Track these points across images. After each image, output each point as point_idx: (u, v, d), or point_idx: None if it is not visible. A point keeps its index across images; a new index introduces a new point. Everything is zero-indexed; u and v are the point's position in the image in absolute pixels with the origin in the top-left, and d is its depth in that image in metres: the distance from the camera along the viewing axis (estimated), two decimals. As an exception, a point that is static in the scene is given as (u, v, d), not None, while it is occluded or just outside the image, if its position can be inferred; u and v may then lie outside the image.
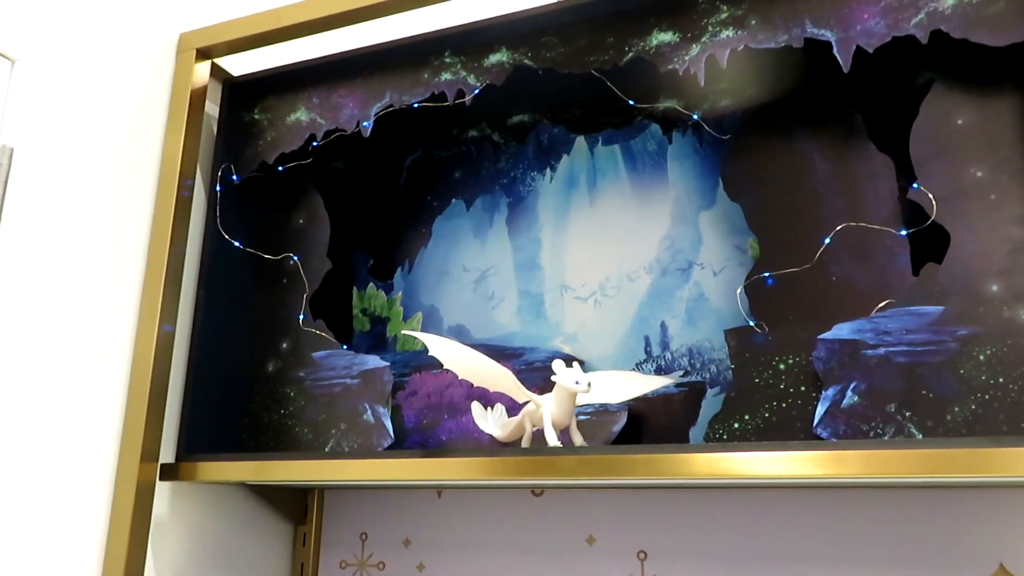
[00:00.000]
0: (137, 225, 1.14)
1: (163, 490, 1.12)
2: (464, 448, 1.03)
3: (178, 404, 1.14)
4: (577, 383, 0.93)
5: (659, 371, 1.12)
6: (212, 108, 1.27)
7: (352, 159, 1.41)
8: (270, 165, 1.26)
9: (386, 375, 1.15)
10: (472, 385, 1.05)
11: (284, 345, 1.24)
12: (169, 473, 1.08)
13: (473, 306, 1.28)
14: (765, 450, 0.80)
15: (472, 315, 1.27)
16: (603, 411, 1.09)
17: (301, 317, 1.23)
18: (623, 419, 1.07)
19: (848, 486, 1.01)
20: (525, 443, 1.02)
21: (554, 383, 0.96)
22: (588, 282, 1.20)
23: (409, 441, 1.21)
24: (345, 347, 1.21)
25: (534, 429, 1.02)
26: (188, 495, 1.15)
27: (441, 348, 1.00)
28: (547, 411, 0.96)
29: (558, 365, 0.95)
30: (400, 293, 1.33)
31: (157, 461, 1.07)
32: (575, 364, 0.96)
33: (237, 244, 1.25)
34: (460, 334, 1.26)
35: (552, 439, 0.94)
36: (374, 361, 1.17)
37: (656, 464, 0.83)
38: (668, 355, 1.12)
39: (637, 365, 1.13)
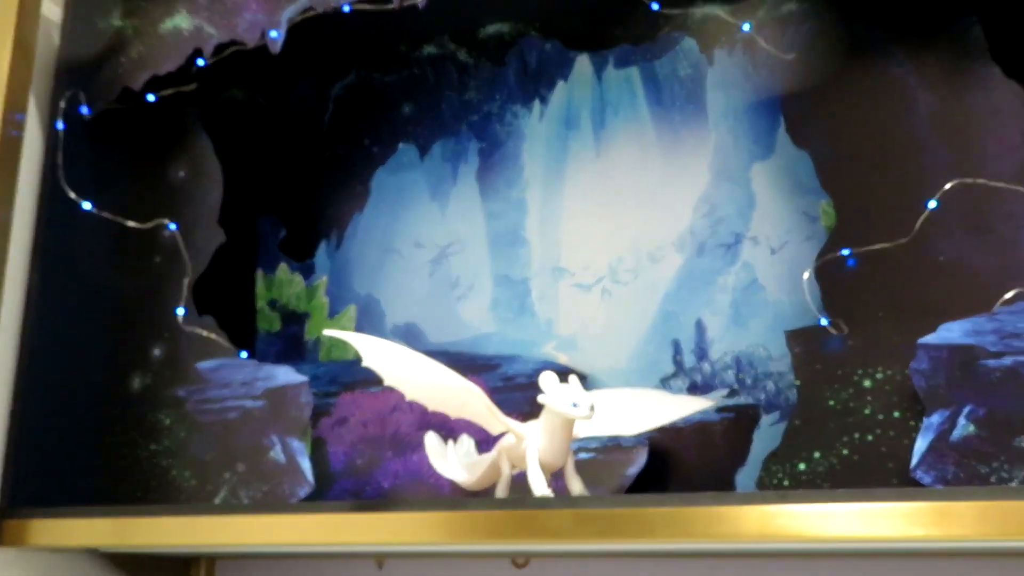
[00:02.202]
0: (-59, 178, 1.13)
1: (-23, 561, 1.11)
2: (415, 500, 1.02)
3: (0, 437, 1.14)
4: (575, 406, 0.92)
5: (693, 390, 1.12)
6: (52, 10, 1.26)
7: (255, 86, 1.41)
8: (137, 93, 1.25)
9: (303, 395, 1.15)
10: (426, 410, 1.04)
11: (156, 352, 1.23)
12: (-13, 535, 1.07)
13: (429, 297, 1.27)
14: (843, 501, 0.80)
15: (428, 310, 1.27)
16: (613, 447, 1.08)
17: (181, 311, 1.22)
18: (641, 458, 1.07)
19: (960, 553, 1.02)
20: (501, 492, 1.01)
21: (543, 406, 0.95)
22: (593, 264, 1.20)
23: (337, 489, 1.20)
24: (245, 354, 1.21)
25: (514, 472, 1.01)
26: (15, 568, 1.14)
27: (382, 357, 0.99)
28: (533, 447, 0.95)
29: (548, 381, 0.94)
30: (324, 278, 1.33)
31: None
32: (572, 379, 0.95)
33: (88, 206, 1.24)
34: (411, 337, 1.26)
35: (540, 486, 0.93)
36: (286, 375, 1.16)
37: (688, 522, 0.83)
38: (706, 367, 1.12)
39: (662, 381, 1.14)
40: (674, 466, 1.09)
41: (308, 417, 1.14)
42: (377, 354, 1.00)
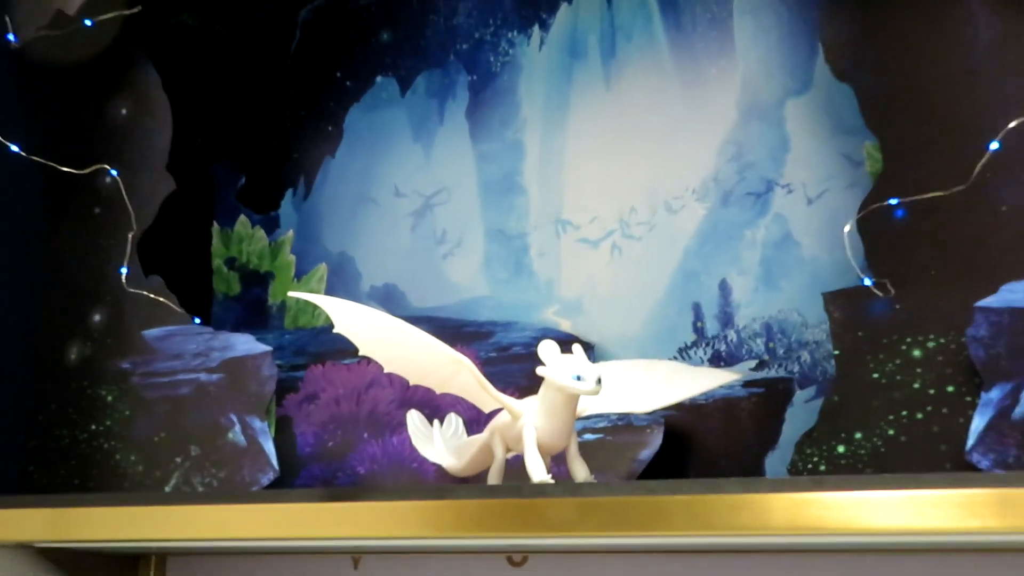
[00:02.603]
0: None
1: None
2: (395, 488, 1.02)
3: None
4: (579, 380, 0.92)
5: (716, 361, 1.12)
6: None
7: (210, 9, 1.41)
8: (71, 17, 1.25)
9: (266, 367, 1.15)
10: (408, 384, 1.04)
11: (96, 317, 1.24)
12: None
13: (412, 255, 1.28)
14: (888, 488, 0.79)
15: (410, 269, 1.28)
16: (623, 426, 1.09)
17: (124, 271, 1.23)
18: (656, 440, 1.08)
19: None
20: (494, 478, 1.01)
21: (542, 380, 0.95)
22: (601, 215, 1.21)
23: (305, 476, 1.21)
24: (198, 321, 1.21)
25: (509, 456, 1.01)
26: (-63, 565, 1.14)
27: (357, 323, 0.99)
28: (531, 426, 0.95)
29: (549, 351, 0.94)
30: (290, 233, 1.34)
31: None
32: (577, 349, 0.95)
33: (15, 149, 1.24)
34: (390, 300, 1.27)
35: (539, 471, 0.93)
36: (246, 344, 1.17)
37: (709, 512, 0.82)
38: (731, 335, 1.12)
39: (680, 351, 1.14)
40: (694, 449, 1.10)
41: (272, 393, 1.15)
42: (351, 320, 0.99)
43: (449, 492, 0.91)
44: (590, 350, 1.14)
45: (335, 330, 0.99)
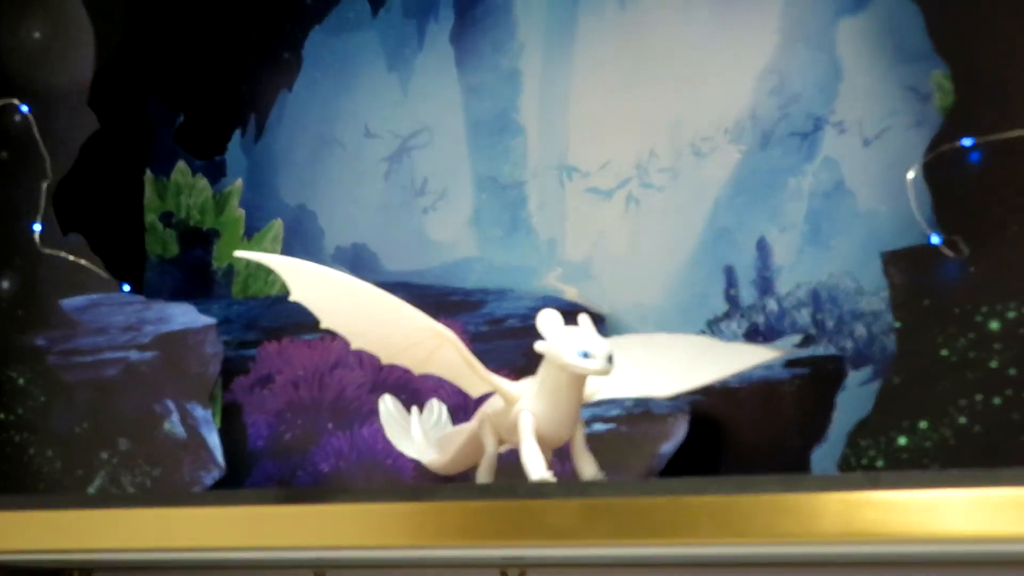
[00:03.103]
0: None
1: None
2: (366, 488, 1.03)
3: None
4: (587, 357, 0.92)
5: (753, 336, 1.12)
6: None
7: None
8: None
9: (210, 344, 1.16)
10: (380, 364, 1.04)
11: (3, 284, 1.24)
12: None
13: (386, 208, 1.28)
14: (958, 487, 0.79)
15: (384, 226, 1.28)
16: (641, 415, 1.09)
17: (38, 228, 1.23)
18: (680, 430, 1.08)
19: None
20: (485, 476, 1.01)
21: (542, 357, 0.95)
22: (614, 160, 1.21)
23: (257, 475, 1.21)
24: (128, 288, 1.22)
25: (502, 449, 1.01)
26: None
27: (319, 290, 0.99)
28: (528, 414, 0.95)
29: (550, 322, 0.94)
30: (238, 182, 1.34)
31: None
32: (584, 321, 0.95)
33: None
34: (360, 263, 1.27)
35: (538, 468, 0.93)
36: (187, 316, 1.18)
37: (745, 516, 0.82)
38: (771, 304, 1.12)
39: (710, 324, 1.14)
40: (725, 441, 1.10)
41: (216, 375, 1.16)
42: (311, 286, 0.99)
43: (431, 493, 0.91)
44: (600, 323, 1.14)
45: (291, 298, 0.99)
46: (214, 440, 1.13)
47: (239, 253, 1.05)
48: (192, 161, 1.37)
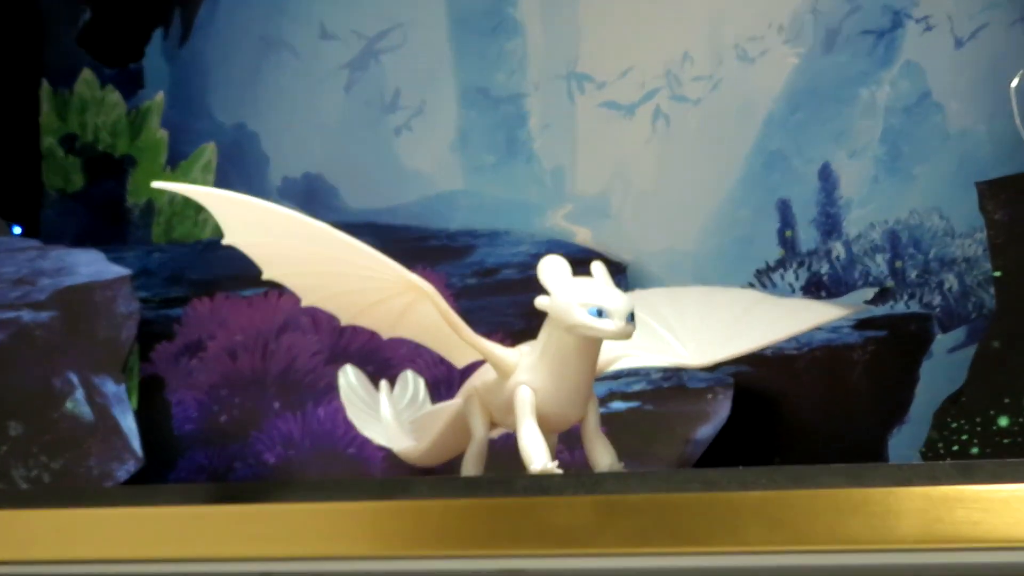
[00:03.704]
0: None
1: None
2: (322, 483, 1.01)
3: None
4: (601, 316, 0.90)
5: (814, 288, 1.12)
6: None
7: None
8: None
9: (124, 301, 1.15)
10: (339, 325, 1.04)
11: None
12: None
13: (347, 128, 1.29)
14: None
15: (344, 151, 1.29)
16: (672, 389, 1.10)
17: None
18: (722, 408, 1.08)
19: None
20: (472, 467, 1.01)
21: (544, 317, 0.94)
22: (636, 67, 1.21)
23: (186, 466, 1.22)
24: (18, 230, 1.23)
25: (495, 433, 1.02)
26: None
27: (261, 231, 0.98)
28: (527, 388, 0.94)
29: (555, 272, 0.93)
30: (160, 96, 1.34)
31: None
32: (598, 271, 0.95)
33: None
34: (314, 198, 1.28)
35: (540, 457, 0.92)
36: (94, 266, 1.17)
37: (803, 516, 0.82)
38: (838, 249, 1.13)
39: (759, 275, 1.15)
40: (779, 423, 1.11)
41: (132, 340, 1.15)
42: (252, 226, 0.98)
43: (405, 489, 0.90)
44: (620, 273, 1.15)
45: (226, 242, 0.97)
46: (129, 423, 1.12)
47: (159, 184, 1.04)
48: (101, 70, 1.37)
